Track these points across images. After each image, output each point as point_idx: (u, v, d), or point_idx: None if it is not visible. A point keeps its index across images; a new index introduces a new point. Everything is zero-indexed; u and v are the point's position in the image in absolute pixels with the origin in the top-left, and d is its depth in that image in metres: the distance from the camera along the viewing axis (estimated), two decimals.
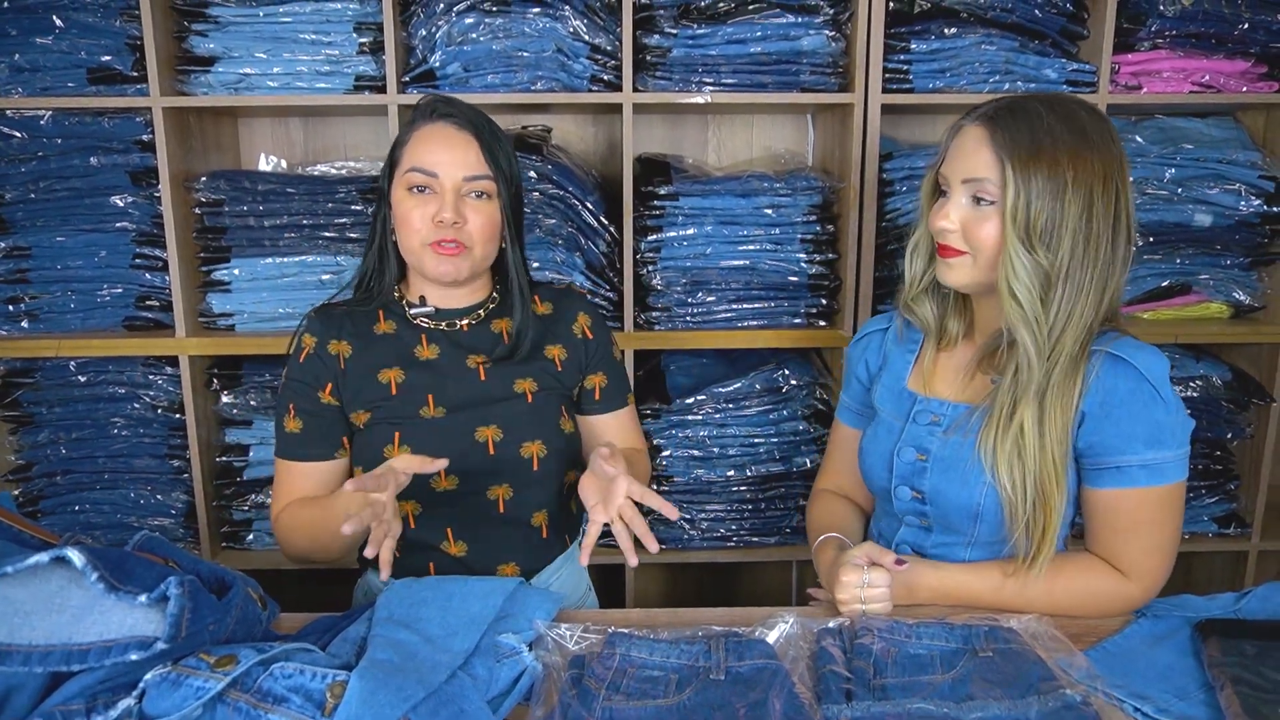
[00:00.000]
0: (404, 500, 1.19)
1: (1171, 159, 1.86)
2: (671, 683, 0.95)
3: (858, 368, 1.29)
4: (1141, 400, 1.02)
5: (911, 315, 1.20)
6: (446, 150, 1.15)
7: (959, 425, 1.11)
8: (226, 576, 0.94)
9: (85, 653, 0.74)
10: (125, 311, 1.85)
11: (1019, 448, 1.04)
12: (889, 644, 1.00)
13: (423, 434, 1.18)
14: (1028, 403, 1.04)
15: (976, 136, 1.05)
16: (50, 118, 1.76)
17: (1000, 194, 1.02)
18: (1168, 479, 1.04)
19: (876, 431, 1.21)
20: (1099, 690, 0.91)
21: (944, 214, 1.07)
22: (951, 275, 1.09)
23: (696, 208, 1.83)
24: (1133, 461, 1.03)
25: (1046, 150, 1.01)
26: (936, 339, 1.19)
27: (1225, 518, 1.99)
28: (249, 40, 1.74)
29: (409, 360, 1.22)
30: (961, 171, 1.06)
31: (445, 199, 1.14)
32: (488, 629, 0.97)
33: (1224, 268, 1.92)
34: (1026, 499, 1.04)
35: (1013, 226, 1.01)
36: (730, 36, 1.75)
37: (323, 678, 0.80)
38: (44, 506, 1.92)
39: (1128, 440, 1.03)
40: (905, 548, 1.20)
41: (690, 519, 1.96)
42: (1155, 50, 1.80)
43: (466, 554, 1.22)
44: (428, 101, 1.20)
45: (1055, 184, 1.00)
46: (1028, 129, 1.02)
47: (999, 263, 1.04)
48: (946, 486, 1.11)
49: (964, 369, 1.17)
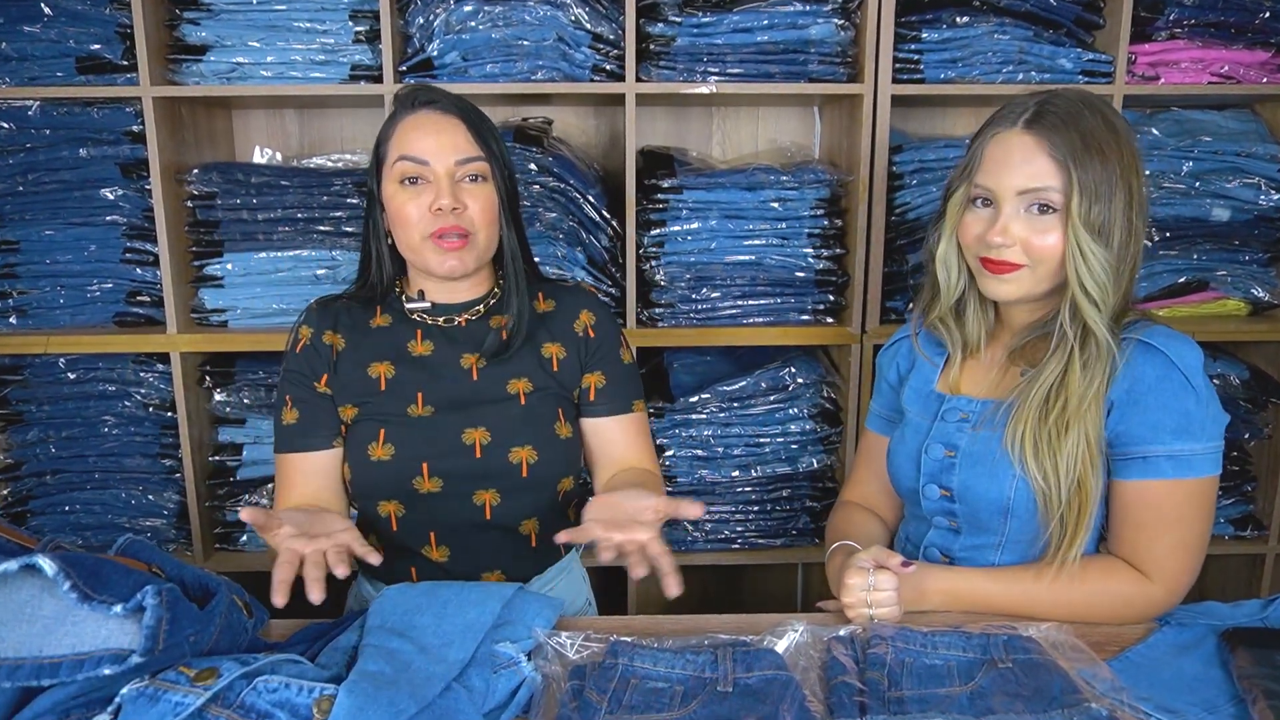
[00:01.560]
0: (387, 501, 1.16)
1: (1189, 152, 1.82)
2: (677, 695, 0.91)
3: (889, 373, 1.27)
4: (1171, 389, 1.00)
5: (938, 332, 1.18)
6: (434, 135, 1.11)
7: (986, 420, 1.10)
8: (211, 583, 0.90)
9: (56, 666, 0.70)
10: (116, 307, 1.81)
11: (1050, 434, 1.02)
12: (903, 654, 0.97)
13: (408, 432, 1.15)
14: (1064, 393, 1.02)
15: (1026, 145, 1.02)
16: (38, 108, 1.72)
17: (1064, 200, 1.01)
18: (1196, 473, 1.01)
19: (904, 433, 1.19)
20: (1124, 704, 0.88)
21: (999, 229, 1.03)
22: (1006, 290, 1.06)
23: (701, 201, 1.79)
24: (1159, 452, 1.01)
25: (1095, 148, 1.00)
26: (963, 352, 1.16)
27: (1242, 519, 1.96)
28: (242, 28, 1.70)
29: (401, 355, 1.18)
30: (1016, 183, 1.03)
31: (441, 186, 1.10)
32: (485, 638, 0.94)
33: (1242, 263, 1.87)
34: (1061, 487, 1.02)
35: (1085, 229, 1.00)
36: (736, 25, 1.71)
37: (309, 692, 0.76)
38: (33, 506, 1.88)
39: (1155, 430, 1.01)
40: (934, 551, 1.17)
41: (694, 521, 1.92)
42: (1173, 40, 1.76)
43: (449, 560, 1.18)
44: (407, 91, 1.16)
45: (1108, 179, 1.00)
46: (1076, 130, 1.01)
47: (1066, 266, 1.02)
48: (975, 482, 1.09)
49: (993, 367, 1.15)
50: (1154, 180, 1.84)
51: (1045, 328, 1.09)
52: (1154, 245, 1.86)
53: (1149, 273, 1.86)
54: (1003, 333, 1.16)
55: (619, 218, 1.80)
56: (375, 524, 1.18)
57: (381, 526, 1.18)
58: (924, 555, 1.18)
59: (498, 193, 1.15)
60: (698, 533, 1.93)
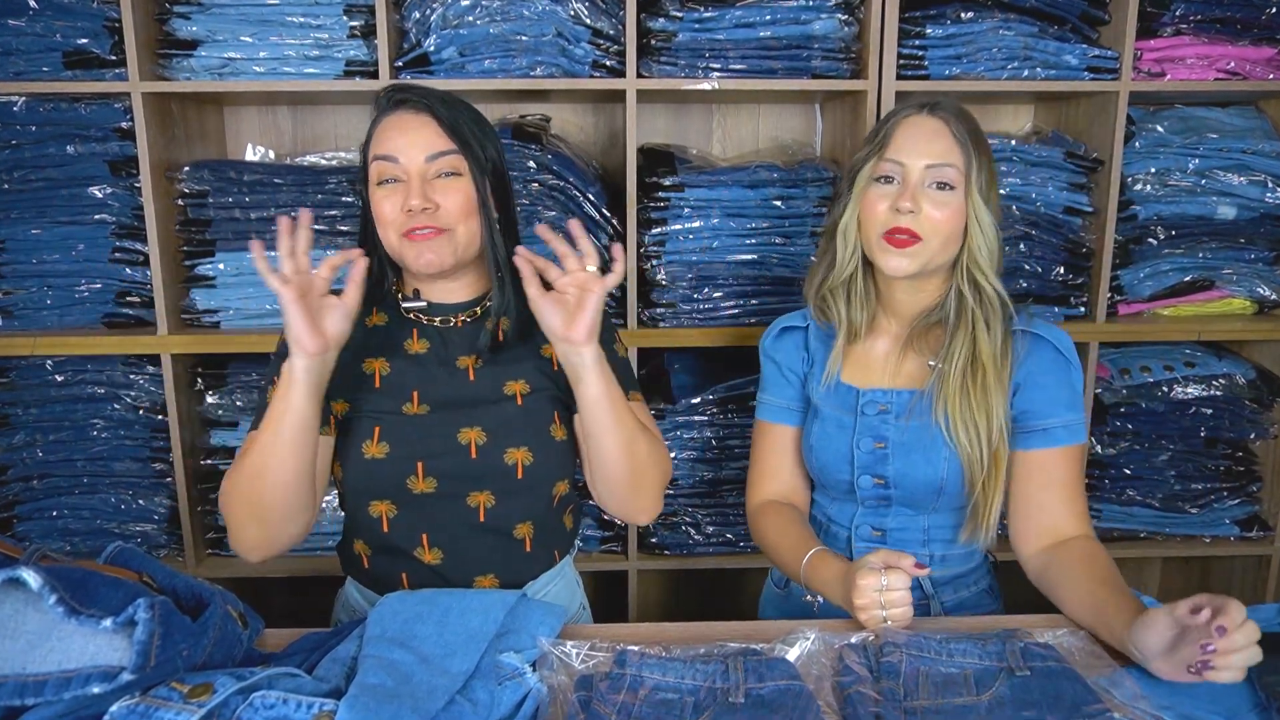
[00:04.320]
0: (379, 500, 1.14)
1: (1194, 149, 1.80)
2: (687, 706, 0.89)
3: (791, 363, 1.31)
4: (1062, 368, 1.17)
5: (826, 309, 1.25)
6: (403, 134, 1.10)
7: (912, 410, 1.19)
8: (204, 593, 0.87)
9: (41, 684, 0.66)
10: (104, 308, 1.77)
11: (974, 405, 1.15)
12: (918, 662, 0.95)
13: (403, 431, 1.12)
14: (979, 364, 1.15)
15: (934, 126, 1.15)
16: (24, 104, 1.68)
17: (963, 178, 1.14)
18: (1081, 438, 1.18)
19: (825, 429, 1.24)
20: (1145, 713, 0.87)
21: (908, 196, 1.14)
22: (905, 264, 1.15)
23: (702, 199, 1.76)
24: (1056, 423, 1.16)
25: (982, 140, 1.17)
26: (847, 334, 1.24)
27: (1247, 520, 1.94)
28: (234, 23, 1.66)
29: (396, 353, 1.17)
30: (924, 158, 1.14)
31: (412, 185, 1.09)
32: (488, 647, 0.91)
33: (1248, 262, 1.86)
34: (983, 455, 1.15)
35: (980, 199, 1.15)
36: (738, 20, 1.68)
37: (308, 707, 0.74)
38: (20, 512, 1.84)
39: (1052, 404, 1.16)
40: (865, 528, 1.26)
41: (695, 523, 1.90)
42: (1179, 36, 1.74)
43: (441, 563, 1.15)
44: (384, 92, 1.14)
45: (991, 166, 1.17)
46: (968, 122, 1.17)
47: (969, 233, 1.15)
48: (909, 469, 1.19)
49: (889, 355, 1.24)
50: (1159, 178, 1.82)
51: (934, 315, 1.20)
52: (1159, 243, 1.84)
53: (1154, 271, 1.84)
54: (885, 323, 1.24)
55: (619, 216, 1.77)
56: (366, 526, 1.15)
57: (373, 528, 1.15)
58: (855, 534, 1.26)
59: (475, 186, 1.12)
60: (699, 536, 1.91)
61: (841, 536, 1.28)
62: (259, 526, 1.07)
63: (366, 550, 1.17)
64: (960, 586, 1.26)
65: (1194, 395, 1.87)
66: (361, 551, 1.18)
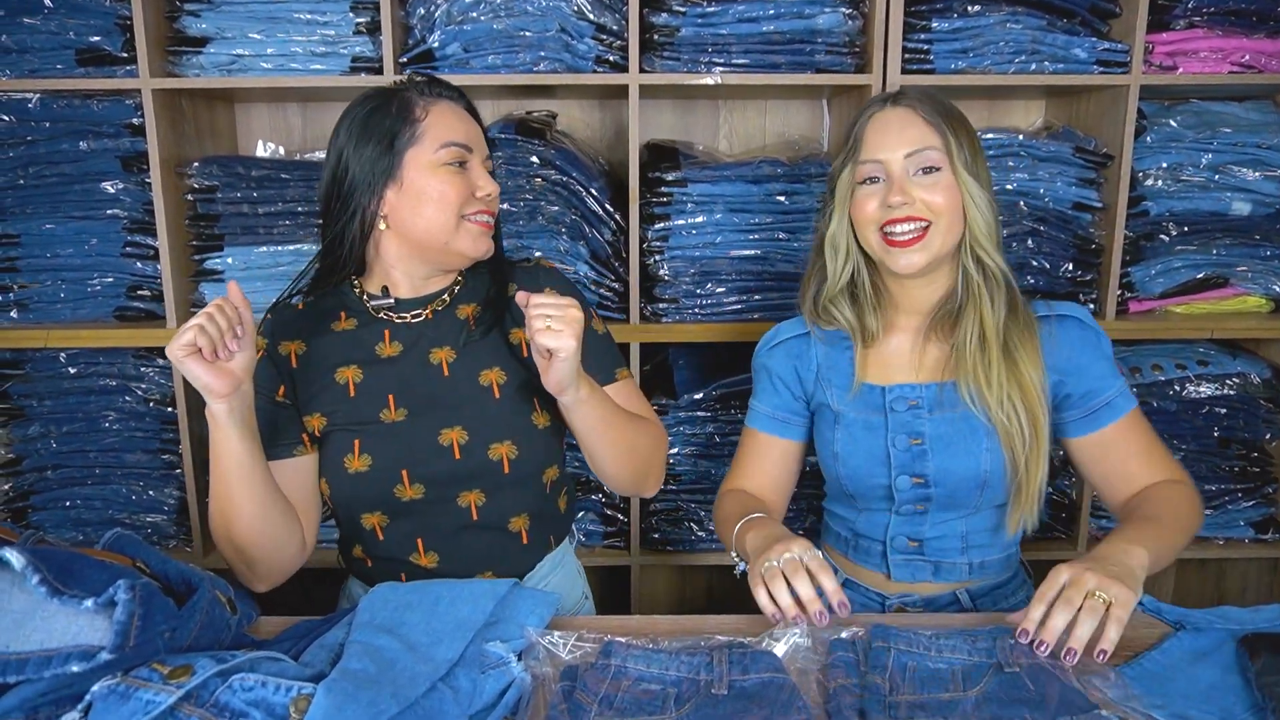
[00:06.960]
0: (369, 512, 1.13)
1: (1208, 144, 1.77)
2: (669, 697, 0.88)
3: (783, 373, 1.27)
4: (1092, 342, 1.17)
5: (830, 319, 1.23)
6: (468, 125, 1.15)
7: (943, 399, 1.17)
8: (194, 579, 0.88)
9: (24, 662, 0.68)
10: (116, 301, 1.80)
11: (999, 371, 1.13)
12: (906, 656, 0.94)
13: (383, 441, 1.11)
14: (989, 337, 1.14)
15: (902, 115, 1.14)
16: (38, 100, 1.71)
17: (945, 157, 1.13)
18: (1134, 400, 1.18)
19: (852, 434, 1.20)
20: (1136, 711, 0.85)
21: (898, 190, 1.12)
22: (916, 259, 1.13)
23: (706, 195, 1.75)
24: (1113, 394, 1.17)
25: (955, 113, 1.16)
26: (862, 339, 1.21)
27: (1262, 522, 1.90)
28: (243, 20, 1.68)
29: (368, 358, 1.15)
30: (901, 148, 1.13)
31: (481, 172, 1.14)
32: (475, 636, 0.91)
33: (1263, 259, 1.82)
34: (1022, 425, 1.12)
35: (968, 174, 1.13)
36: (742, 14, 1.67)
37: (286, 690, 0.74)
38: (35, 502, 1.87)
39: (1102, 379, 1.17)
40: (901, 539, 1.22)
41: (698, 519, 1.89)
42: (1192, 29, 1.71)
43: (439, 565, 1.15)
44: (424, 80, 1.16)
45: (971, 137, 1.15)
46: (935, 101, 1.15)
47: (965, 209, 1.13)
48: (950, 463, 1.16)
49: (909, 350, 1.21)
50: (1172, 173, 1.79)
51: (950, 303, 1.18)
52: (1171, 240, 1.81)
53: (1167, 268, 1.81)
54: (900, 319, 1.22)
55: (622, 211, 1.77)
56: (361, 537, 1.16)
57: (367, 539, 1.15)
58: (891, 546, 1.22)
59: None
60: (702, 532, 1.90)
61: (875, 551, 1.24)
62: (247, 565, 1.08)
63: (365, 556, 1.18)
64: (999, 598, 1.23)
65: (1207, 395, 1.84)
66: (361, 556, 1.18)
